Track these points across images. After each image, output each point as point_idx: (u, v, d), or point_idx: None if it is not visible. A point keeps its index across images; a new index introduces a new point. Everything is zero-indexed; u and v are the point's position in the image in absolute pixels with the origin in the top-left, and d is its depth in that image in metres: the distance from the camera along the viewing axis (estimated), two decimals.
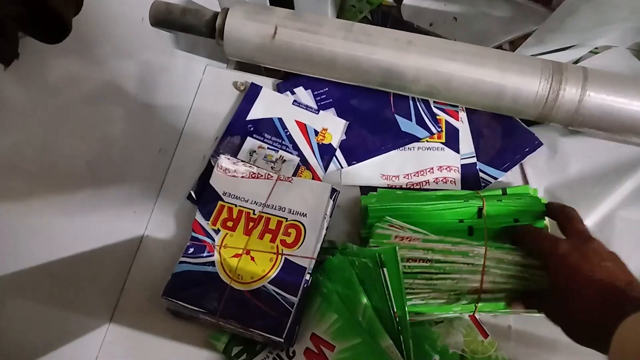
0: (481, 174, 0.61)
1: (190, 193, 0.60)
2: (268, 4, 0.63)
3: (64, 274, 0.46)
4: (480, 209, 0.54)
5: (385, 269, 0.49)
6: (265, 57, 0.49)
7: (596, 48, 0.67)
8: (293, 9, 0.68)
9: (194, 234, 0.55)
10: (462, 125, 0.63)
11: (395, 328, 0.49)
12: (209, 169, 0.60)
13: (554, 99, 0.44)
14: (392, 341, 0.49)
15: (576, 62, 0.67)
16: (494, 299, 0.51)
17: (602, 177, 0.57)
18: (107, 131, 0.50)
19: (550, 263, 0.45)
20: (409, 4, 0.86)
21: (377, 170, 0.63)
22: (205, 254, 0.54)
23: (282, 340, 0.49)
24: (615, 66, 0.64)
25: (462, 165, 0.62)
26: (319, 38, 0.47)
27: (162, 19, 0.50)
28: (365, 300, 0.52)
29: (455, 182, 0.62)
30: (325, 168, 0.61)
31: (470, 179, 0.61)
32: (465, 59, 0.46)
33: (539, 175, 0.60)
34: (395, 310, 0.49)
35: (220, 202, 0.56)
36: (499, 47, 0.82)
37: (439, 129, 0.62)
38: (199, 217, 0.56)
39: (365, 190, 0.61)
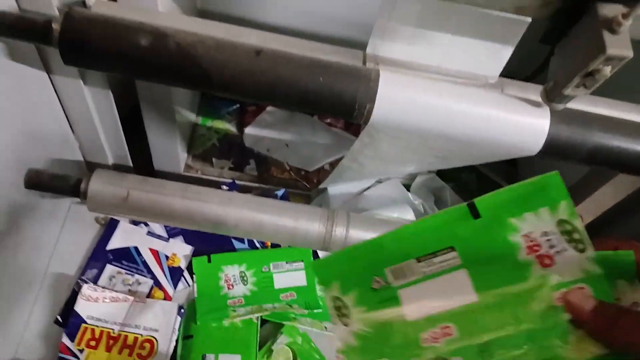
0: None
1: (57, 318, 0.71)
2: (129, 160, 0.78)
3: None
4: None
5: None
6: (121, 213, 0.64)
7: (380, 180, 0.92)
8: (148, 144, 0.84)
9: (60, 355, 0.66)
10: None
11: None
12: (73, 296, 0.71)
13: (329, 236, 0.65)
14: None
15: (367, 189, 0.91)
16: None
17: None
18: None
19: None
20: (250, 133, 1.05)
21: None
22: None
23: None
24: (390, 193, 0.88)
25: None
26: (162, 197, 0.63)
27: (34, 184, 0.63)
28: None
29: None
30: (175, 286, 0.76)
31: None
32: (271, 210, 0.65)
33: None
34: None
35: (84, 325, 0.68)
36: (322, 167, 1.04)
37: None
38: (65, 340, 0.67)
39: None
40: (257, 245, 0.81)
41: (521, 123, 0.49)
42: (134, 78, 0.60)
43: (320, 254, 0.81)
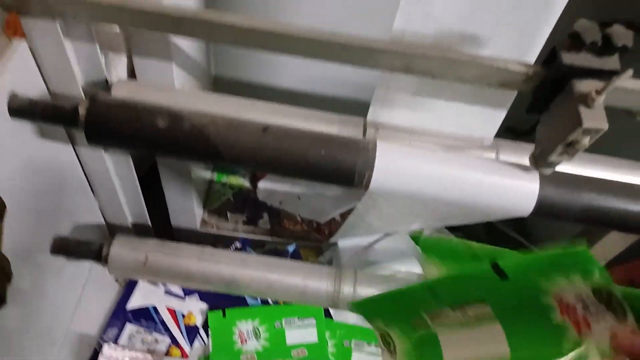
0: None
1: None
2: (148, 219, 0.82)
3: None
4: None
5: None
6: (140, 275, 0.68)
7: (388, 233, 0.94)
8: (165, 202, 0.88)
9: None
10: None
11: None
12: (94, 356, 0.74)
13: (337, 295, 0.67)
14: None
15: (375, 241, 0.93)
16: None
17: None
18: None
19: None
20: (263, 187, 1.09)
21: None
22: None
23: None
24: (398, 245, 0.91)
25: None
26: (179, 260, 0.67)
27: (59, 250, 0.68)
28: None
29: None
30: (191, 344, 0.78)
31: None
32: (282, 270, 0.68)
33: None
34: None
35: None
36: (333, 219, 1.07)
37: None
38: None
39: None
40: (270, 302, 0.83)
41: (513, 188, 0.52)
42: (152, 156, 0.65)
43: (332, 310, 0.83)
